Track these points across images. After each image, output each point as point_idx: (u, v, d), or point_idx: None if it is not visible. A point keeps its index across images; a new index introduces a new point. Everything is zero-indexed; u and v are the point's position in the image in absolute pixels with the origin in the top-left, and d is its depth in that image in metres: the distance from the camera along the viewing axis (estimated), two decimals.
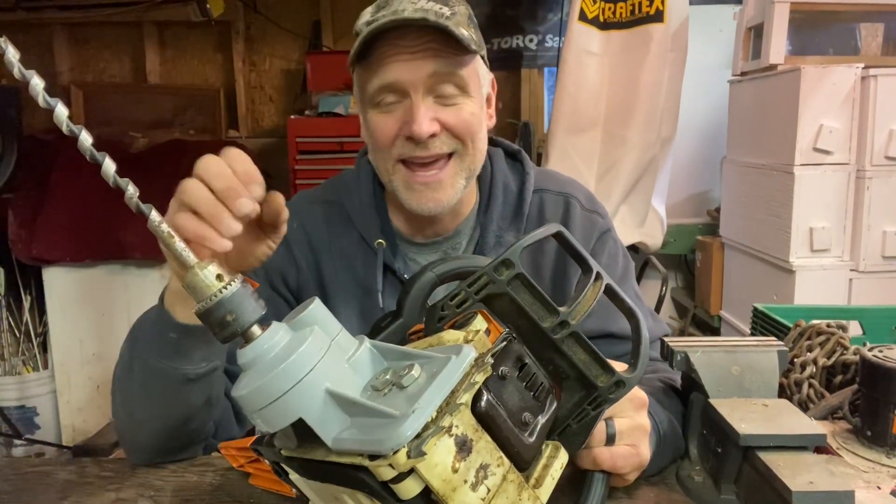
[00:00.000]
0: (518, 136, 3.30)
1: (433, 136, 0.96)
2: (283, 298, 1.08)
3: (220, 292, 0.54)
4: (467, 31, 0.95)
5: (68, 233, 2.98)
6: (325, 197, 1.14)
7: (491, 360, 0.55)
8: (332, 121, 3.10)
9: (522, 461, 0.55)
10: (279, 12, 3.60)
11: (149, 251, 2.94)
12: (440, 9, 0.94)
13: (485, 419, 0.52)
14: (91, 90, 3.58)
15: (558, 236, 0.68)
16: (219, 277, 0.55)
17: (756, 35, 2.69)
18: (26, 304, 3.17)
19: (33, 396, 3.14)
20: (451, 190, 1.00)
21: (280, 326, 0.55)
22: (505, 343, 0.58)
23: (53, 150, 3.10)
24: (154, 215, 0.57)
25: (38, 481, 0.87)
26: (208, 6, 3.33)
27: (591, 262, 0.68)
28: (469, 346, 0.54)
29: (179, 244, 0.57)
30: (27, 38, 3.56)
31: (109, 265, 3.03)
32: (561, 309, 0.64)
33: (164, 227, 0.57)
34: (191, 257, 0.57)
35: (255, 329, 0.54)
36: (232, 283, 0.55)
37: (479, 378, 0.53)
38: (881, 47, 2.94)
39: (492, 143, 1.14)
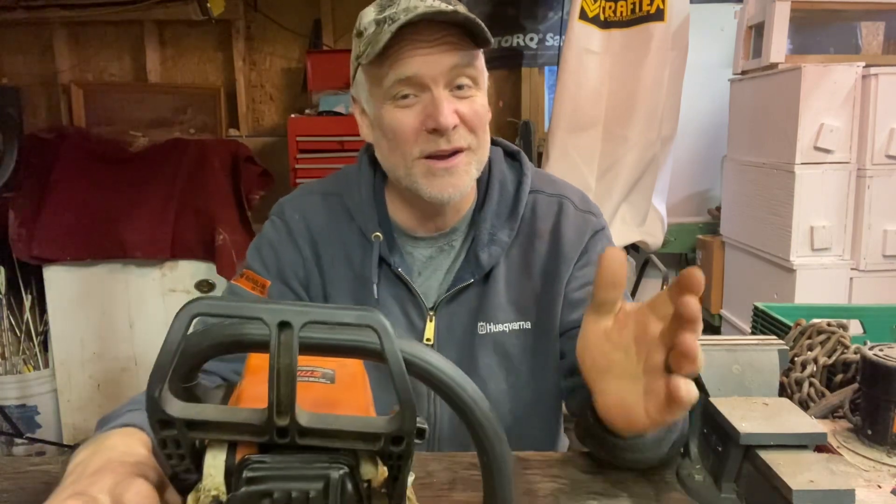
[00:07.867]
0: (518, 135, 3.30)
1: (454, 127, 0.99)
2: (293, 292, 1.09)
3: None
4: None
5: (69, 232, 2.97)
6: (326, 189, 1.15)
7: None
8: (332, 120, 3.09)
9: None
10: (279, 11, 3.59)
11: (149, 250, 2.93)
12: (446, 6, 0.95)
13: None
14: (91, 89, 3.57)
15: None
16: None
17: (757, 34, 2.69)
18: (27, 303, 3.17)
19: (34, 395, 3.15)
20: (466, 176, 1.03)
21: None
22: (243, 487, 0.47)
23: (54, 149, 3.10)
24: None
25: (39, 480, 0.87)
26: (209, 5, 3.33)
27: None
28: None
29: None
30: (27, 38, 3.56)
31: (110, 264, 3.02)
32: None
33: None
34: None
35: None
36: None
37: None
38: (882, 46, 2.94)
39: (492, 142, 1.15)
